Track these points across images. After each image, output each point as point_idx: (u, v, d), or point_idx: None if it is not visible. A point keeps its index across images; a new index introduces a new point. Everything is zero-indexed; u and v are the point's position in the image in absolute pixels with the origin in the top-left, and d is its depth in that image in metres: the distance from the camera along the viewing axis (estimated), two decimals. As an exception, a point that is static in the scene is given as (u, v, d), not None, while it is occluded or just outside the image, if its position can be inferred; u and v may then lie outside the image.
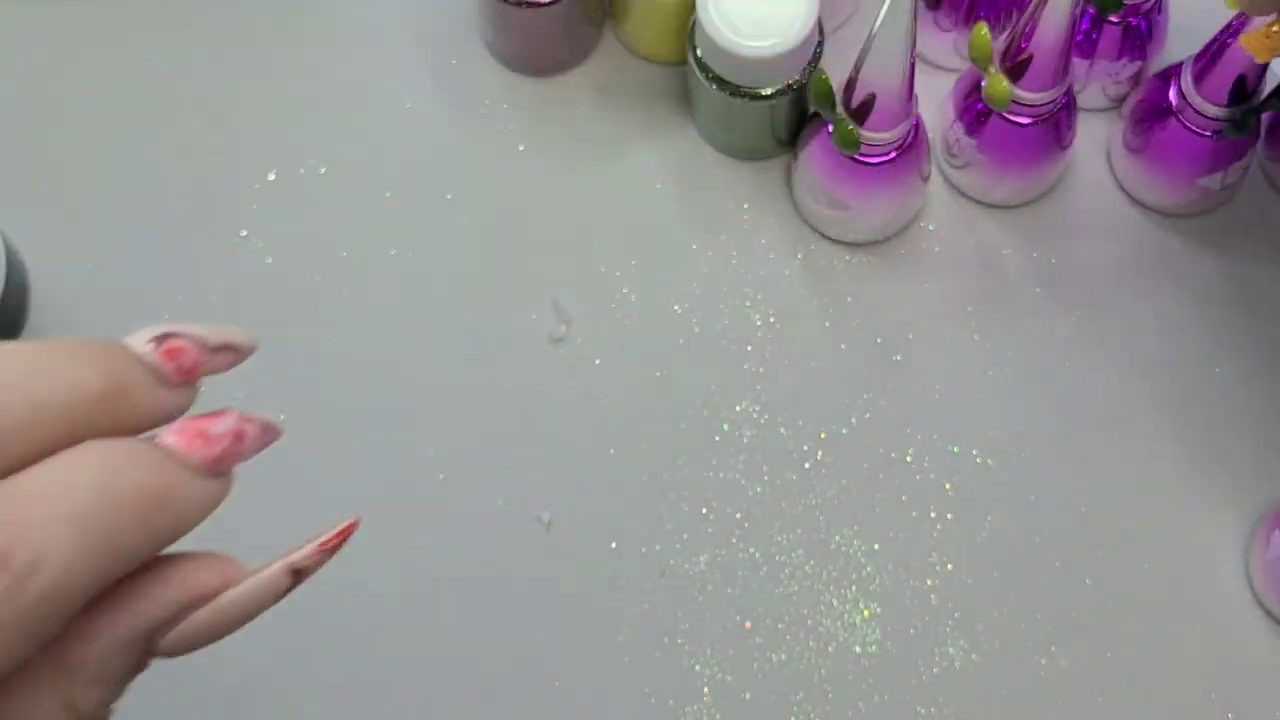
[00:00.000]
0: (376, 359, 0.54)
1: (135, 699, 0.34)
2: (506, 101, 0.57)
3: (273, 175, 0.56)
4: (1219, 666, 0.51)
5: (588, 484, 0.53)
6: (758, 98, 0.52)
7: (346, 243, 0.56)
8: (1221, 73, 0.50)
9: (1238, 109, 0.51)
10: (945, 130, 0.55)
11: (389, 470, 0.53)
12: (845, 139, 0.51)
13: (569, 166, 0.57)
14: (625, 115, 0.57)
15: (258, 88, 0.58)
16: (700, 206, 0.56)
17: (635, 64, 0.58)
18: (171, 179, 0.57)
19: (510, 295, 0.55)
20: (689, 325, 0.55)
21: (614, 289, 0.55)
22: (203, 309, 0.55)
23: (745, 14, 0.51)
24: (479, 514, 0.53)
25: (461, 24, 0.58)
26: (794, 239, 0.56)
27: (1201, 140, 0.52)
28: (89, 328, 0.55)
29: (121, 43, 0.58)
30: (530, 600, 0.52)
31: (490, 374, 0.54)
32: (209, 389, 0.57)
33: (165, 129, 0.57)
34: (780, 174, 0.56)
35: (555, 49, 0.57)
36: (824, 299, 0.55)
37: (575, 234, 0.56)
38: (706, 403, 0.54)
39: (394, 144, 0.57)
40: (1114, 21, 0.54)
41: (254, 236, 0.56)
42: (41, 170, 0.57)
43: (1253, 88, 0.50)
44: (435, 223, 0.56)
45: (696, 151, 0.57)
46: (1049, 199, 0.56)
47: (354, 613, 0.52)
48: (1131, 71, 0.56)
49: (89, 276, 0.55)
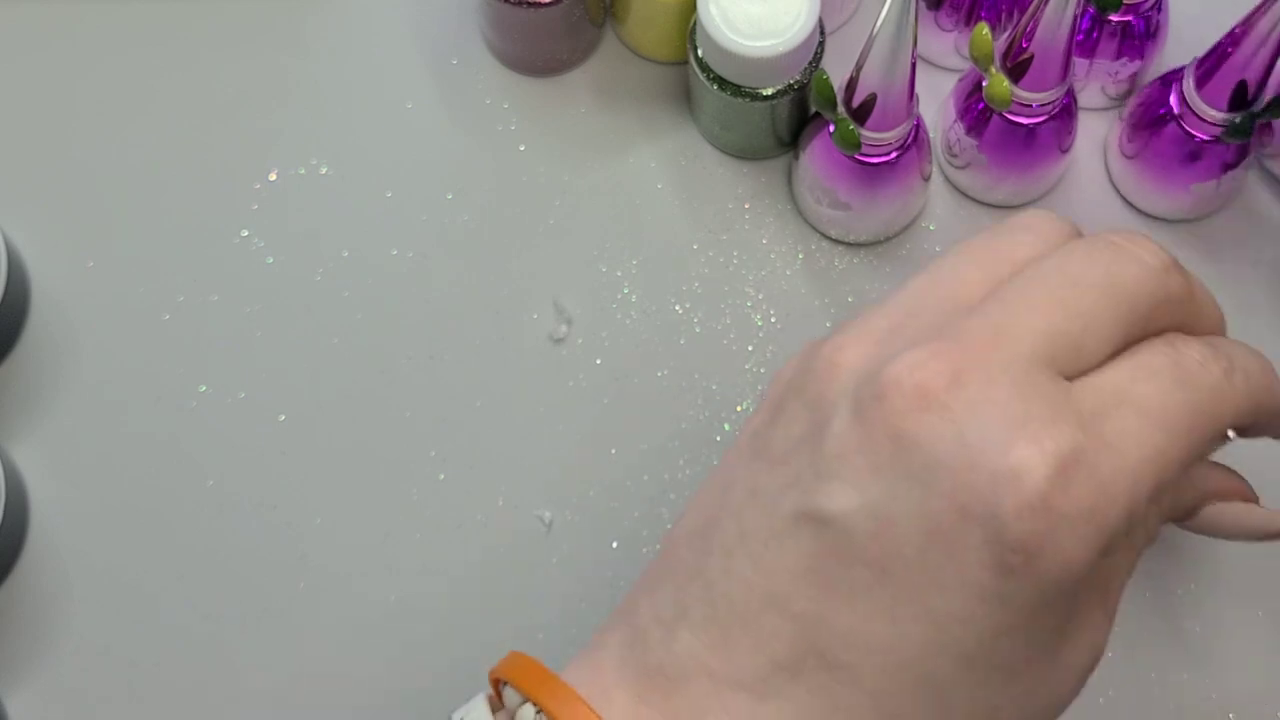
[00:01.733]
0: (377, 359, 0.54)
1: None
2: (507, 101, 0.57)
3: (273, 175, 0.56)
4: (1220, 666, 0.51)
5: (588, 484, 0.53)
6: (758, 98, 0.52)
7: (347, 243, 0.56)
8: (1223, 78, 0.50)
9: (1238, 114, 0.51)
10: (946, 130, 0.55)
11: (389, 470, 0.53)
12: (846, 139, 0.51)
13: (569, 166, 0.57)
14: (626, 115, 0.57)
15: (258, 88, 0.58)
16: (701, 206, 0.56)
17: (636, 64, 0.58)
18: (171, 179, 0.57)
19: (510, 295, 0.55)
20: (690, 325, 0.55)
21: (614, 289, 0.55)
22: (203, 309, 0.55)
23: (746, 14, 0.51)
24: (479, 514, 0.53)
25: (461, 24, 0.58)
26: (795, 239, 0.56)
27: (1199, 145, 0.52)
28: (90, 327, 0.55)
29: (121, 43, 0.58)
30: (530, 600, 0.52)
31: (490, 374, 0.54)
32: (210, 388, 0.57)
33: (166, 129, 0.57)
34: (781, 174, 0.56)
35: (555, 49, 0.57)
36: (825, 299, 0.55)
37: (576, 234, 0.56)
38: (707, 403, 0.54)
39: (395, 144, 0.57)
40: (1114, 21, 0.54)
41: (254, 236, 0.56)
42: (41, 170, 0.57)
43: (1253, 94, 0.50)
44: (436, 222, 0.56)
45: (697, 151, 0.57)
46: (1049, 199, 0.56)
47: (354, 613, 0.52)
48: (1131, 71, 0.56)
49: (89, 276, 0.55)
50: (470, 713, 0.37)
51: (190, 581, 0.52)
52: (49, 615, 0.52)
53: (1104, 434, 0.33)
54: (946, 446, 0.33)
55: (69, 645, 0.51)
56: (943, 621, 0.33)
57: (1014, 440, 0.32)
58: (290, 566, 0.52)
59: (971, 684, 0.33)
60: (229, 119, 0.57)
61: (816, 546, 0.34)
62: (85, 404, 0.54)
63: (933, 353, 0.34)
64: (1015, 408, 0.33)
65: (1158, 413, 0.34)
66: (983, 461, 0.32)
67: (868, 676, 0.33)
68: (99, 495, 0.53)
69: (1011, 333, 0.34)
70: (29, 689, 0.51)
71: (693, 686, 0.34)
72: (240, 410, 0.54)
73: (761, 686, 0.34)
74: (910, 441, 0.33)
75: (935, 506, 0.33)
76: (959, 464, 0.32)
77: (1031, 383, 0.33)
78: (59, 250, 0.56)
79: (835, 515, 0.33)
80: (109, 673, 0.51)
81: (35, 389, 0.54)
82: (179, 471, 0.53)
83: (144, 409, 0.54)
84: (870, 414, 0.34)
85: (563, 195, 0.56)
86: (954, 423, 0.33)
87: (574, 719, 0.35)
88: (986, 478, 0.32)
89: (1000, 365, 0.34)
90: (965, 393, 0.33)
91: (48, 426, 0.54)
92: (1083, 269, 0.36)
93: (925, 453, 0.33)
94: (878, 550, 0.33)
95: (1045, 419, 0.33)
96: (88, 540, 0.52)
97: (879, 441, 0.33)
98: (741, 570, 0.34)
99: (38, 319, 0.55)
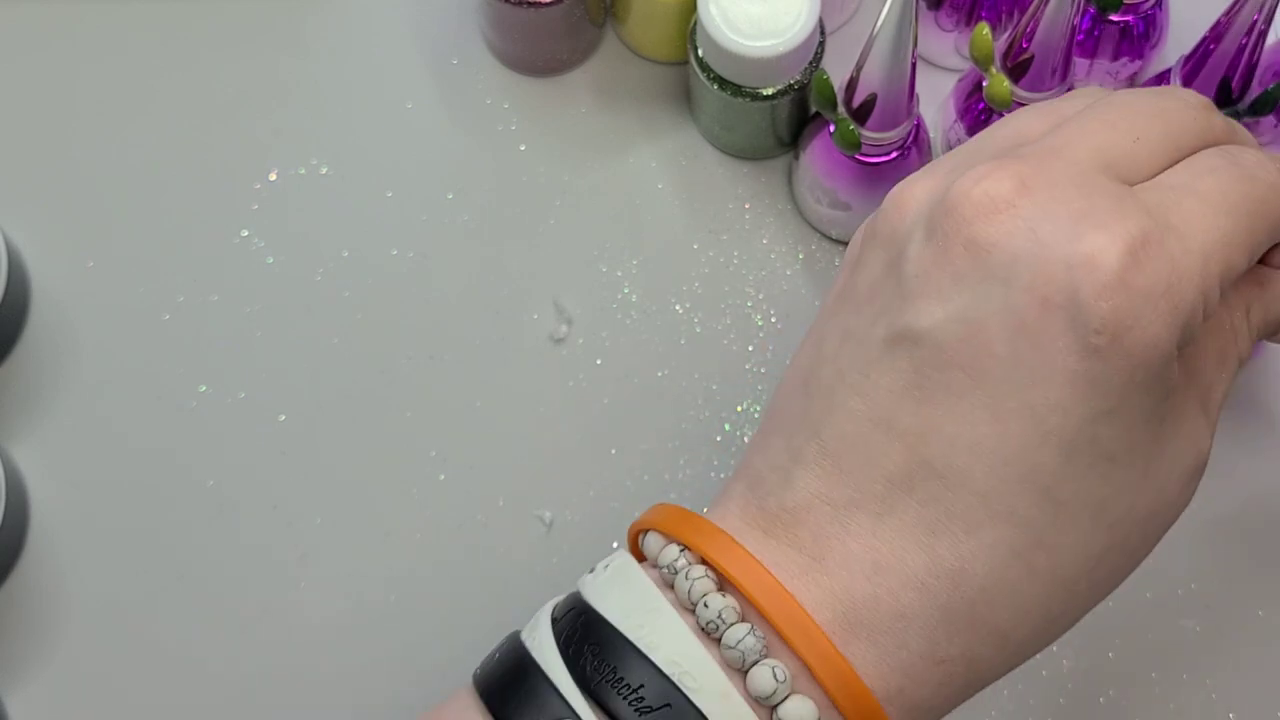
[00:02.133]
0: (377, 359, 0.54)
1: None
2: (507, 101, 0.57)
3: (273, 175, 0.56)
4: (1220, 666, 0.51)
5: (588, 484, 0.53)
6: (759, 98, 0.52)
7: (347, 243, 0.56)
8: (1208, 75, 0.50)
9: (1224, 111, 0.51)
10: (946, 130, 0.55)
11: (390, 470, 0.53)
12: (846, 139, 0.51)
13: (569, 166, 0.57)
14: (626, 115, 0.57)
15: (258, 88, 0.58)
16: (701, 206, 0.56)
17: (636, 64, 0.58)
18: (171, 179, 0.57)
19: (511, 295, 0.55)
20: (690, 325, 0.55)
21: (614, 289, 0.55)
22: (203, 309, 0.55)
23: (746, 14, 0.51)
24: (479, 514, 0.53)
25: (461, 24, 0.58)
26: (795, 239, 0.56)
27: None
28: (90, 327, 0.55)
29: (122, 43, 0.58)
30: (530, 600, 0.52)
31: (491, 374, 0.54)
32: (210, 388, 0.57)
33: (166, 129, 0.57)
34: (781, 174, 0.56)
35: (556, 49, 0.57)
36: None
37: (576, 234, 0.56)
38: (707, 403, 0.54)
39: (395, 144, 0.57)
40: (1114, 21, 0.54)
41: (254, 236, 0.56)
42: (41, 170, 0.57)
43: (1238, 90, 0.50)
44: (436, 222, 0.56)
45: (697, 151, 0.57)
46: (1049, 199, 0.56)
47: (354, 612, 0.52)
48: (1130, 71, 0.56)
49: (89, 276, 0.55)
50: (615, 559, 0.38)
51: (190, 581, 0.52)
52: (49, 615, 0.52)
53: (1170, 220, 0.35)
54: (1020, 243, 0.34)
55: (69, 645, 0.51)
56: (1041, 413, 0.34)
57: (1085, 229, 0.34)
58: (290, 566, 0.52)
59: (1076, 474, 0.35)
60: (229, 119, 0.57)
61: (912, 363, 0.35)
62: (85, 404, 0.54)
63: (997, 165, 0.36)
64: (1082, 203, 0.35)
65: (1218, 199, 0.36)
66: (1057, 252, 0.34)
67: (976, 478, 0.35)
68: (99, 495, 0.53)
69: (1070, 146, 0.37)
70: (29, 689, 0.51)
71: (813, 516, 0.36)
72: (240, 410, 0.54)
73: (877, 504, 0.35)
74: (985, 245, 0.35)
75: (1018, 301, 0.34)
76: (1035, 258, 0.34)
77: (1094, 182, 0.36)
78: (59, 250, 0.56)
79: (925, 330, 0.35)
80: (109, 673, 0.51)
81: (35, 389, 0.54)
82: (179, 471, 0.53)
83: (144, 409, 0.54)
84: (943, 229, 0.35)
85: (563, 195, 0.56)
86: (1024, 220, 0.35)
87: (719, 549, 0.36)
88: (1062, 266, 0.34)
89: (1062, 170, 0.36)
90: (1033, 195, 0.35)
91: (48, 426, 0.54)
92: (1130, 99, 0.38)
93: (1001, 252, 0.34)
94: (970, 354, 0.35)
95: (1112, 210, 0.35)
96: (88, 540, 0.52)
97: (955, 252, 0.35)
98: (845, 403, 0.36)
99: (38, 319, 0.55)
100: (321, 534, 0.52)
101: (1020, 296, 0.34)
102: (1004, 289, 0.34)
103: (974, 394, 0.35)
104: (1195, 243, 0.35)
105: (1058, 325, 0.34)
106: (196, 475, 0.53)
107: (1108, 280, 0.34)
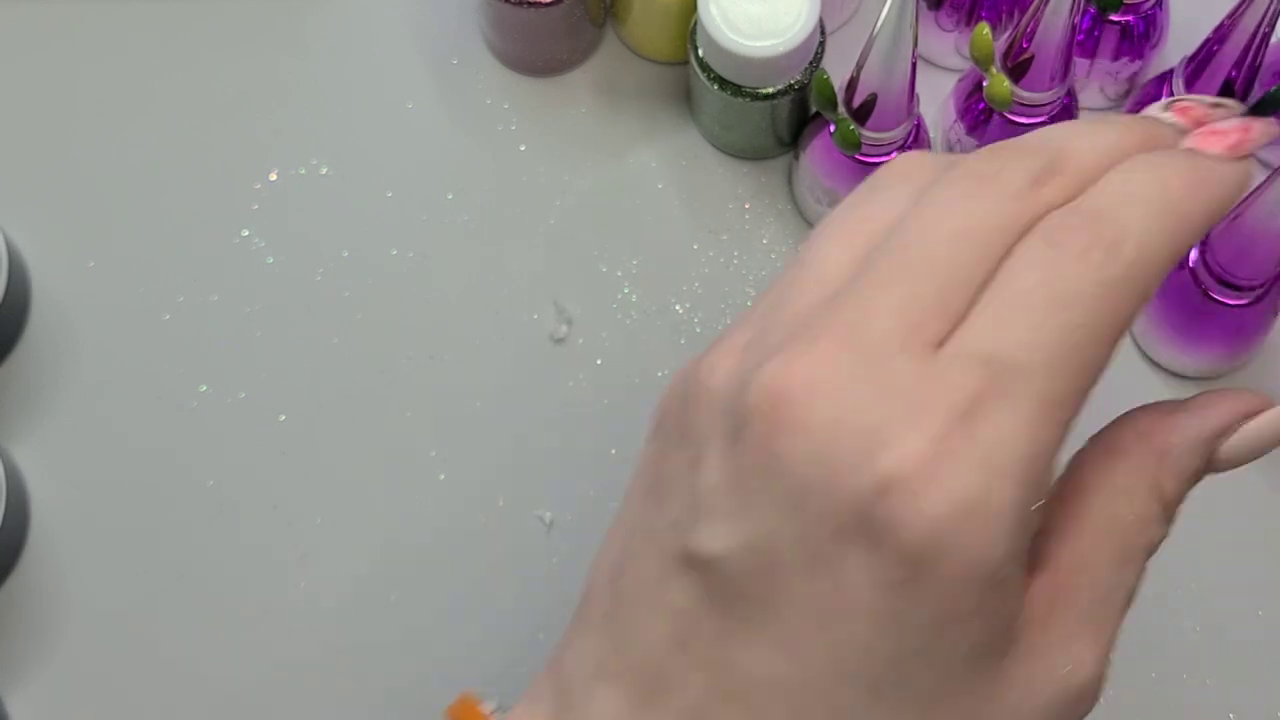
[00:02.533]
0: (377, 359, 0.54)
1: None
2: (507, 101, 0.57)
3: (273, 175, 0.56)
4: (1220, 666, 0.51)
5: (589, 484, 0.53)
6: (759, 98, 0.52)
7: (347, 243, 0.56)
8: (1212, 74, 0.50)
9: None
10: (946, 130, 0.55)
11: (390, 470, 0.53)
12: (847, 139, 0.51)
13: (569, 166, 0.57)
14: (626, 115, 0.57)
15: (258, 88, 0.58)
16: (701, 206, 0.56)
17: (636, 64, 0.58)
18: (171, 179, 0.57)
19: (510, 295, 0.55)
20: (690, 325, 0.55)
21: (614, 289, 0.55)
22: (204, 309, 0.55)
23: (747, 14, 0.51)
24: (479, 514, 0.53)
25: (461, 24, 0.58)
26: (795, 239, 0.56)
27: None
28: (90, 327, 0.55)
29: (122, 43, 0.58)
30: (530, 600, 0.52)
31: (491, 374, 0.54)
32: (210, 388, 0.57)
33: (166, 129, 0.57)
34: (782, 174, 0.56)
35: (556, 49, 0.57)
36: (825, 299, 0.55)
37: (576, 234, 0.56)
38: (707, 403, 0.54)
39: (395, 144, 0.57)
40: (1114, 21, 0.54)
41: (254, 236, 0.56)
42: (41, 170, 0.57)
43: (1242, 90, 0.50)
44: (436, 222, 0.56)
45: (697, 151, 0.57)
46: (1050, 199, 0.56)
47: (354, 612, 0.52)
48: (1131, 71, 0.56)
49: (89, 276, 0.55)
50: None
51: (190, 581, 0.52)
52: (49, 615, 0.52)
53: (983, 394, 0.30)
54: (810, 469, 0.30)
55: (69, 645, 0.51)
56: (843, 653, 0.31)
57: (878, 442, 0.30)
58: (290, 566, 0.52)
59: (885, 715, 0.31)
60: (229, 119, 0.57)
61: (706, 589, 0.32)
62: (85, 404, 0.54)
63: (785, 362, 0.32)
64: (872, 412, 0.30)
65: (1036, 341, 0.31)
66: (848, 478, 0.30)
67: (781, 715, 0.32)
68: (99, 495, 0.53)
69: (866, 320, 0.32)
70: (29, 689, 0.51)
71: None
72: (240, 410, 0.54)
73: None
74: (776, 469, 0.31)
75: (811, 533, 0.31)
76: (824, 485, 0.30)
77: (890, 374, 0.31)
78: (59, 250, 0.56)
79: (716, 557, 0.32)
80: (109, 673, 0.51)
81: (35, 389, 0.54)
82: (179, 471, 0.53)
83: (144, 409, 0.54)
84: (737, 444, 0.32)
85: (563, 195, 0.56)
86: (812, 441, 0.31)
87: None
88: (852, 494, 0.30)
89: (855, 361, 0.31)
90: (821, 405, 0.31)
91: (48, 426, 0.54)
92: (937, 218, 0.33)
93: (792, 478, 0.31)
94: (763, 587, 0.31)
95: (908, 410, 0.30)
96: (88, 540, 0.52)
97: (747, 472, 0.31)
98: (646, 619, 0.33)
99: (38, 319, 0.55)
100: (321, 534, 0.52)
101: (813, 528, 0.30)
102: (796, 518, 0.31)
103: (771, 629, 0.31)
104: (1016, 416, 0.30)
105: (854, 559, 0.30)
106: (196, 475, 0.53)
107: (905, 503, 0.29)
